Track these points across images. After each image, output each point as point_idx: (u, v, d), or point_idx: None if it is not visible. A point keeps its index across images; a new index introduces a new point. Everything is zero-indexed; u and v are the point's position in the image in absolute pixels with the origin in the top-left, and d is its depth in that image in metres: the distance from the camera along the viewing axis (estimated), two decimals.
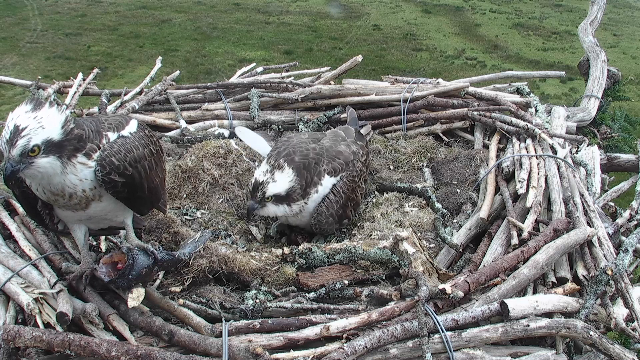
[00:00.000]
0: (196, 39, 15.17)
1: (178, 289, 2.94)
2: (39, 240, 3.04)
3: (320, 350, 2.47)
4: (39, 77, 5.52)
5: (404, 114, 4.75)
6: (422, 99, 4.78)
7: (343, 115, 4.82)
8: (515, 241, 3.18)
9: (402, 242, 3.06)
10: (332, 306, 2.80)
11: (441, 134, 4.70)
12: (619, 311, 2.86)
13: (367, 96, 4.93)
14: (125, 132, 2.60)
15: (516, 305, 2.69)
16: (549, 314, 2.76)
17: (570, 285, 2.95)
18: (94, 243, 3.17)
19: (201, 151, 4.12)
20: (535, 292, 2.96)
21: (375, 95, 4.93)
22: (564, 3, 20.33)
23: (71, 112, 4.44)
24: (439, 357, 2.56)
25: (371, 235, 3.51)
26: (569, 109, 4.84)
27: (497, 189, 3.77)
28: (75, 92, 4.91)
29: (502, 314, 2.71)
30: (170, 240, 3.33)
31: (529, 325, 2.66)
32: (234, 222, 3.81)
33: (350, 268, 3.15)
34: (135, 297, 2.57)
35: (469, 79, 5.31)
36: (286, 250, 3.22)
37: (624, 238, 3.32)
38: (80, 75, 5.16)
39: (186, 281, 3.00)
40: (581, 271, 3.02)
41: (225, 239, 3.53)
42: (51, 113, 2.27)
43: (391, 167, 4.44)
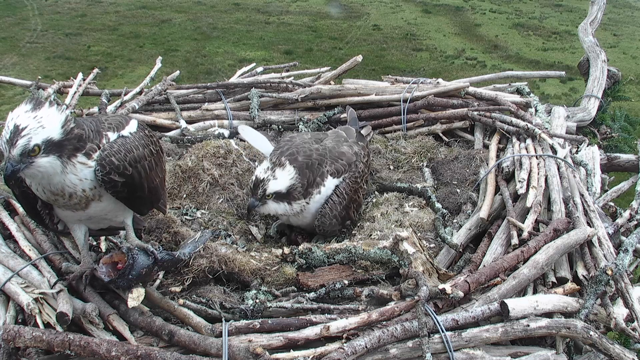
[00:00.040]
0: (196, 39, 15.17)
1: (178, 289, 2.94)
2: (39, 240, 3.04)
3: (320, 350, 2.47)
4: (39, 77, 5.52)
5: (404, 114, 4.75)
6: (422, 99, 4.78)
7: (343, 115, 4.81)
8: (515, 241, 3.18)
9: (402, 242, 3.06)
10: (332, 306, 2.80)
11: (441, 134, 4.70)
12: (619, 311, 2.86)
13: (367, 96, 4.93)
14: (125, 132, 2.60)
15: (516, 305, 2.69)
16: (549, 314, 2.76)
17: (570, 285, 2.95)
18: (94, 243, 3.17)
19: (201, 151, 4.12)
20: (535, 292, 2.96)
21: (375, 95, 4.93)
22: (564, 3, 20.33)
23: (71, 112, 4.44)
24: (439, 357, 2.56)
25: (371, 235, 3.51)
26: (569, 109, 4.84)
27: (497, 189, 3.77)
28: (75, 92, 4.91)
29: (502, 314, 2.70)
30: (170, 240, 3.33)
31: (529, 325, 2.66)
32: (234, 222, 3.81)
33: (350, 268, 3.15)
34: (135, 297, 2.57)
35: (469, 79, 5.31)
36: (286, 250, 3.22)
37: (624, 238, 3.31)
38: (80, 75, 5.16)
39: (186, 281, 2.99)
40: (581, 271, 3.02)
41: (225, 239, 3.53)
42: (51, 113, 2.27)
43: (391, 167, 4.44)
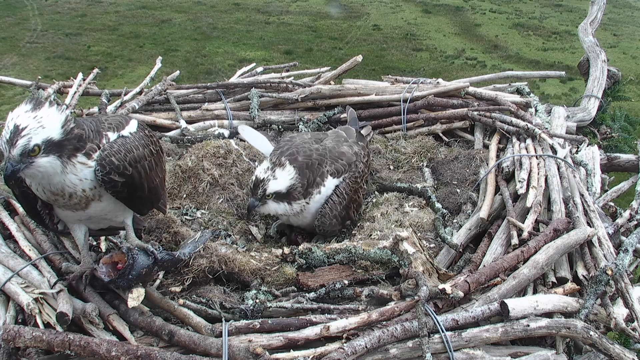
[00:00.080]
0: (196, 39, 15.17)
1: (178, 289, 2.94)
2: (39, 240, 3.04)
3: (320, 350, 2.47)
4: (39, 77, 5.52)
5: (404, 114, 4.75)
6: (422, 99, 4.77)
7: (343, 115, 4.81)
8: (515, 241, 3.18)
9: (402, 242, 3.06)
10: (332, 306, 2.80)
11: (441, 134, 4.70)
12: (619, 311, 2.86)
13: (367, 96, 4.93)
14: (125, 132, 2.60)
15: (516, 305, 2.69)
16: (549, 314, 2.76)
17: (570, 285, 2.95)
18: (94, 243, 3.17)
19: (201, 151, 4.12)
20: (535, 292, 2.96)
21: (375, 95, 4.93)
22: (564, 3, 20.33)
23: (71, 112, 4.44)
24: (439, 357, 2.56)
25: (371, 235, 3.51)
26: (569, 109, 4.84)
27: (497, 189, 3.77)
28: (75, 92, 4.91)
29: (502, 314, 2.70)
30: (170, 240, 3.33)
31: (529, 325, 2.66)
32: (234, 222, 3.81)
33: (350, 268, 3.15)
34: (135, 297, 2.57)
35: (469, 79, 5.31)
36: (286, 250, 3.22)
37: (624, 238, 3.31)
38: (80, 75, 5.16)
39: (186, 281, 2.99)
40: (581, 271, 3.02)
41: (225, 239, 3.53)
42: (51, 112, 2.27)
43: (391, 167, 4.44)
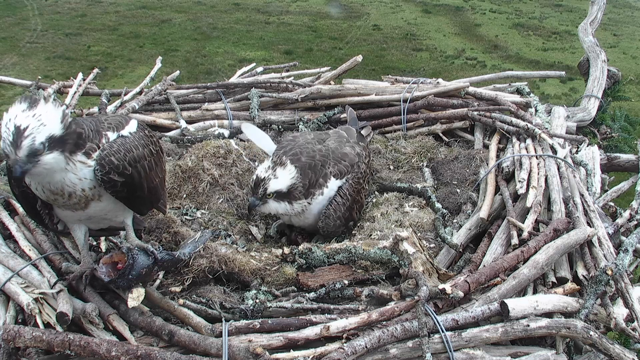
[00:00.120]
0: (196, 39, 15.17)
1: (178, 289, 2.94)
2: (39, 240, 3.04)
3: (320, 350, 2.47)
4: (39, 77, 5.53)
5: (404, 114, 4.75)
6: (422, 99, 4.77)
7: (343, 115, 4.81)
8: (515, 241, 3.18)
9: (402, 242, 3.06)
10: (332, 306, 2.80)
11: (441, 134, 4.70)
12: (619, 311, 2.86)
13: (367, 96, 4.93)
14: (125, 132, 2.60)
15: (516, 305, 2.69)
16: (549, 314, 2.76)
17: (570, 285, 2.95)
18: (94, 243, 3.17)
19: (201, 151, 4.12)
20: (535, 292, 2.96)
21: (375, 95, 4.93)
22: (564, 3, 20.33)
23: (71, 112, 4.44)
24: (439, 357, 2.56)
25: (371, 235, 3.51)
26: (569, 109, 4.84)
27: (497, 189, 3.77)
28: (75, 92, 4.92)
29: (502, 314, 2.70)
30: (170, 240, 3.33)
31: (529, 325, 2.66)
32: (234, 222, 3.81)
33: (350, 268, 3.15)
34: (135, 297, 2.57)
35: (469, 79, 5.31)
36: (286, 250, 3.22)
37: (624, 238, 3.31)
38: (80, 75, 5.17)
39: (186, 281, 2.99)
40: (581, 271, 3.02)
41: (225, 239, 3.53)
42: (49, 109, 2.25)
43: (391, 167, 4.44)
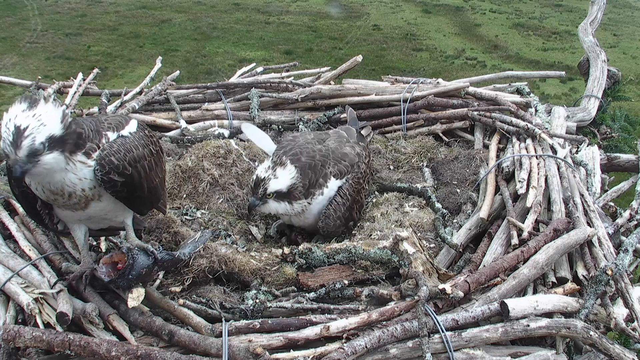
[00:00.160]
0: (196, 39, 15.17)
1: (178, 289, 2.94)
2: (39, 240, 3.04)
3: (320, 350, 2.47)
4: (39, 77, 5.53)
5: (404, 114, 4.75)
6: (422, 99, 4.77)
7: (343, 115, 4.81)
8: (515, 241, 3.18)
9: (402, 242, 3.06)
10: (332, 306, 2.80)
11: (441, 134, 4.70)
12: (619, 311, 2.86)
13: (367, 96, 4.93)
14: (125, 132, 2.59)
15: (516, 305, 2.69)
16: (549, 314, 2.76)
17: (570, 285, 2.95)
18: (94, 243, 3.17)
19: (201, 151, 4.12)
20: (535, 292, 2.96)
21: (375, 95, 4.93)
22: (564, 3, 20.33)
23: (71, 112, 4.44)
24: (439, 357, 2.56)
25: (371, 235, 3.51)
26: (569, 109, 4.84)
27: (497, 189, 3.77)
28: (75, 92, 4.92)
29: (502, 314, 2.70)
30: (170, 240, 3.33)
31: (529, 325, 2.66)
32: (234, 222, 3.81)
33: (350, 268, 3.15)
34: (135, 297, 2.57)
35: (469, 79, 5.31)
36: (286, 250, 3.22)
37: (624, 238, 3.31)
38: (80, 75, 5.17)
39: (186, 281, 2.99)
40: (581, 271, 3.02)
41: (225, 239, 3.53)
42: (49, 109, 2.24)
43: (391, 167, 4.44)
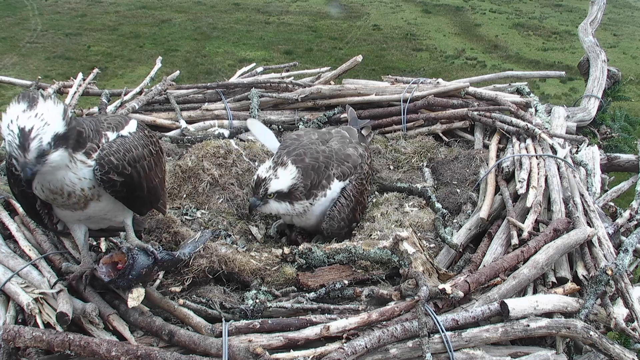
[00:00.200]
0: (196, 39, 15.16)
1: (178, 289, 2.94)
2: (39, 240, 3.04)
3: (320, 350, 2.47)
4: (39, 77, 5.53)
5: (404, 114, 4.75)
6: (422, 99, 4.77)
7: (343, 115, 4.81)
8: (515, 241, 3.18)
9: (402, 242, 3.06)
10: (332, 306, 2.80)
11: (441, 134, 4.70)
12: (619, 311, 2.86)
13: (367, 96, 4.92)
14: (125, 132, 2.59)
15: (516, 305, 2.69)
16: (549, 314, 2.76)
17: (570, 285, 2.95)
18: (94, 243, 3.17)
19: (201, 151, 4.12)
20: (535, 292, 2.96)
21: (375, 95, 4.93)
22: (564, 3, 20.33)
23: (70, 112, 4.43)
24: (439, 357, 2.56)
25: (371, 235, 3.51)
26: (569, 109, 4.84)
27: (497, 189, 3.77)
28: (75, 92, 4.91)
29: (502, 314, 2.70)
30: (170, 240, 3.33)
31: (529, 325, 2.66)
32: (234, 222, 3.81)
33: (350, 268, 3.15)
34: (135, 297, 2.57)
35: (469, 79, 5.31)
36: (286, 250, 3.22)
37: (624, 238, 3.31)
38: (80, 75, 5.16)
39: (186, 281, 3.00)
40: (581, 271, 3.02)
41: (225, 239, 3.53)
42: (50, 107, 2.23)
43: (391, 167, 4.44)
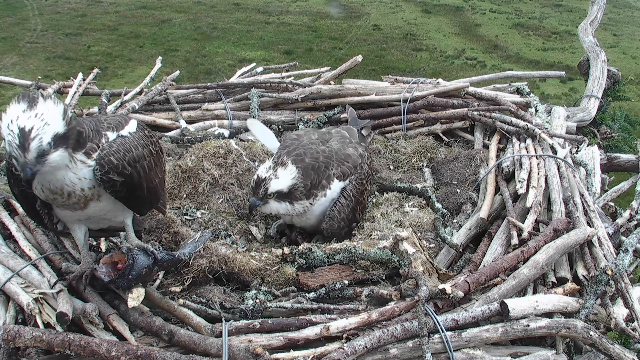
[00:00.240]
0: (196, 39, 15.16)
1: (178, 289, 2.94)
2: (39, 240, 3.04)
3: (320, 350, 2.47)
4: (39, 77, 5.53)
5: (404, 114, 4.75)
6: (422, 99, 4.77)
7: (343, 115, 4.81)
8: (515, 241, 3.18)
9: (402, 242, 3.06)
10: (332, 306, 2.80)
11: (441, 134, 4.70)
12: (619, 311, 2.86)
13: (367, 96, 4.92)
14: (125, 132, 2.59)
15: (516, 305, 2.69)
16: (549, 314, 2.76)
17: (570, 285, 2.95)
18: (94, 243, 3.17)
19: (201, 151, 4.12)
20: (535, 292, 2.96)
21: (375, 95, 4.93)
22: (564, 3, 20.33)
23: (72, 116, 4.43)
24: (439, 357, 2.56)
25: (371, 235, 3.51)
26: (569, 109, 4.84)
27: (497, 189, 3.77)
28: (75, 92, 4.91)
29: (502, 314, 2.70)
30: (170, 240, 3.33)
31: (529, 325, 2.66)
32: (234, 222, 3.81)
33: (350, 268, 3.15)
34: (135, 297, 2.57)
35: (469, 79, 5.31)
36: (286, 250, 3.22)
37: (624, 238, 3.31)
38: (80, 75, 5.16)
39: (186, 281, 3.00)
40: (581, 271, 3.02)
41: (225, 239, 3.53)
42: (50, 107, 2.22)
43: (391, 167, 4.44)
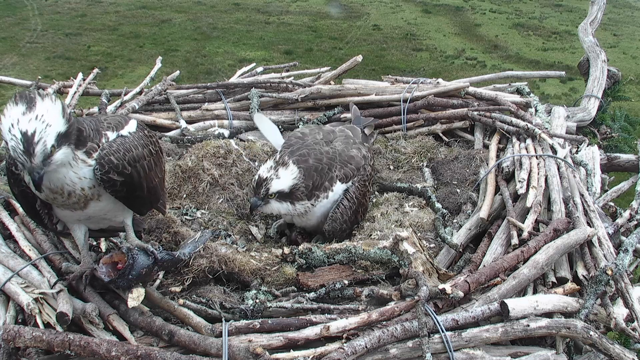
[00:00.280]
0: (196, 39, 15.17)
1: (178, 289, 2.94)
2: (39, 240, 3.04)
3: (320, 350, 2.47)
4: (39, 77, 5.53)
5: (404, 114, 4.74)
6: (422, 99, 4.77)
7: (343, 115, 4.81)
8: (515, 241, 3.18)
9: (402, 242, 3.06)
10: (332, 306, 2.80)
11: (441, 134, 4.70)
12: (619, 311, 2.86)
13: (367, 96, 4.92)
14: (125, 132, 2.59)
15: (516, 305, 2.69)
16: (549, 314, 2.76)
17: (570, 285, 2.95)
18: (94, 243, 3.17)
19: (201, 151, 4.12)
20: (535, 292, 2.96)
21: (375, 95, 4.93)
22: (564, 3, 20.33)
23: (71, 112, 4.43)
24: (439, 357, 2.56)
25: (371, 235, 3.51)
26: (569, 109, 4.84)
27: (497, 189, 3.77)
28: (75, 92, 4.92)
29: (502, 314, 2.70)
30: (170, 240, 3.33)
31: (529, 325, 2.66)
32: (234, 222, 3.81)
33: (350, 268, 3.15)
34: (135, 297, 2.57)
35: (469, 79, 5.31)
36: (286, 250, 3.22)
37: (624, 238, 3.31)
38: (80, 75, 5.16)
39: (186, 281, 3.00)
40: (581, 271, 3.02)
41: (225, 239, 3.53)
42: (49, 106, 2.21)
43: (391, 167, 4.44)
